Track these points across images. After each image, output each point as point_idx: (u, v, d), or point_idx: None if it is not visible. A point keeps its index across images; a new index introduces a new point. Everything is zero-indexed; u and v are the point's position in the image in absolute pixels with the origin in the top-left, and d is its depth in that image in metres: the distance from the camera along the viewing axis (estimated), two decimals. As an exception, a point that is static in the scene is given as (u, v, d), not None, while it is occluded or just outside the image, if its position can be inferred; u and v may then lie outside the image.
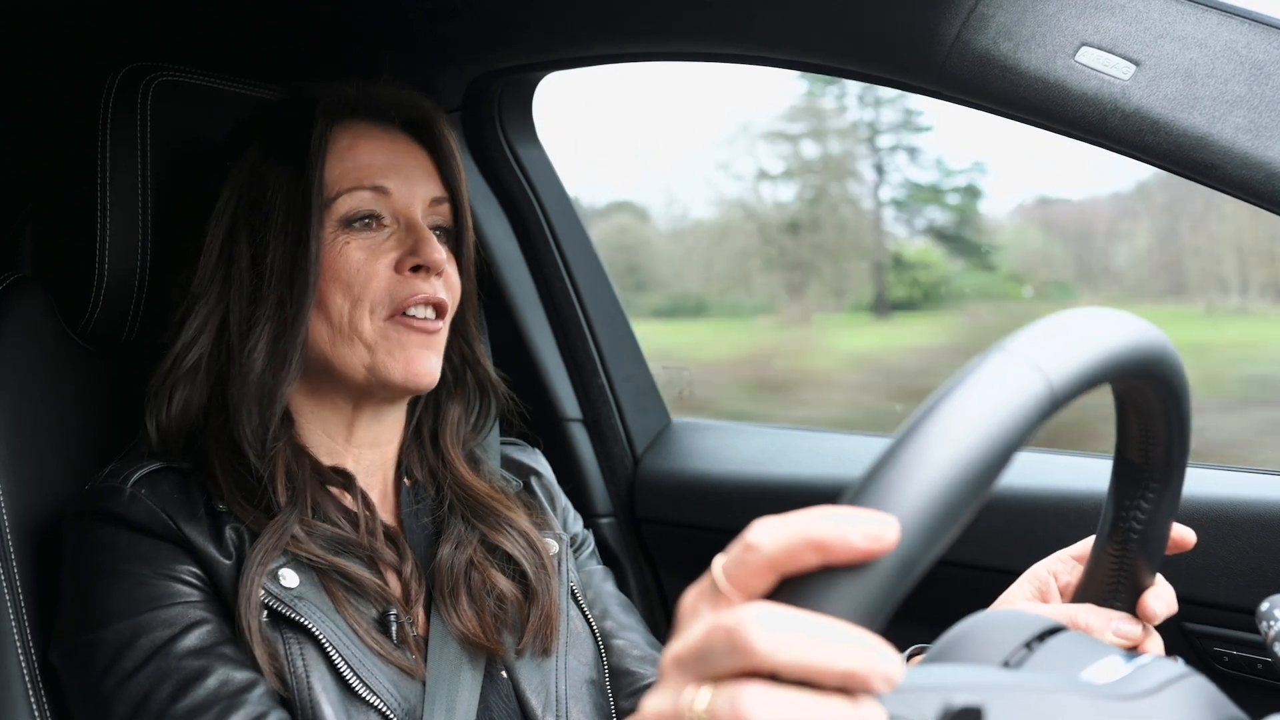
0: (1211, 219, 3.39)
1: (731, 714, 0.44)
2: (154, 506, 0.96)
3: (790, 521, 0.47)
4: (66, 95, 1.16)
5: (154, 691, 0.89)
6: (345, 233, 1.04)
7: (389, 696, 0.95)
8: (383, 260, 1.04)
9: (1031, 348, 0.49)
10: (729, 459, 1.58)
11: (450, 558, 1.06)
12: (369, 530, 1.04)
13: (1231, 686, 1.05)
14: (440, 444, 1.16)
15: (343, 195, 1.04)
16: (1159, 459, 0.66)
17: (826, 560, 0.46)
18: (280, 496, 1.00)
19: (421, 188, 1.09)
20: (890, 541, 0.45)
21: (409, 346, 1.04)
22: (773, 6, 1.12)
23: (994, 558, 1.27)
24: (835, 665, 0.44)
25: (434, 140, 1.12)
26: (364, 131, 1.09)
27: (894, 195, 3.63)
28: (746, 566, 0.48)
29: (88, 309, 1.12)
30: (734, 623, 0.45)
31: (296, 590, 0.96)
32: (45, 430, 1.10)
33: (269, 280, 1.03)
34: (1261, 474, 1.18)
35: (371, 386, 1.05)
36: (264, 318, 1.02)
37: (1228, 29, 0.93)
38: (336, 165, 1.06)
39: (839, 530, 0.45)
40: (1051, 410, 0.49)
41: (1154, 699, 0.51)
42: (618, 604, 1.22)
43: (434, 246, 1.05)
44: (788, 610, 0.45)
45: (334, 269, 1.03)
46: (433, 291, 1.05)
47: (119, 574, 0.94)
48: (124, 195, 1.11)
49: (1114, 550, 0.73)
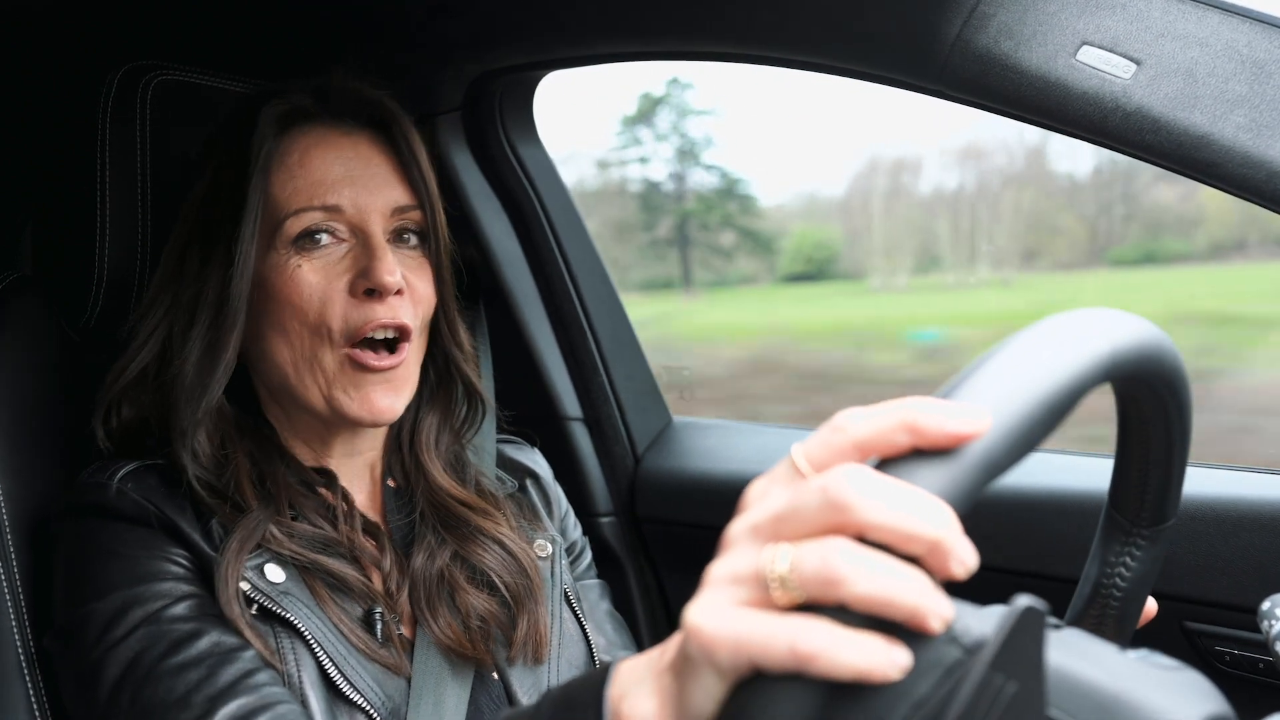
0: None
1: (820, 565, 0.45)
2: (140, 499, 0.96)
3: (879, 407, 0.48)
4: (66, 95, 1.16)
5: (145, 651, 0.89)
6: (297, 254, 1.00)
7: (373, 695, 0.94)
8: (338, 283, 1.00)
9: (1103, 319, 0.55)
10: (730, 458, 1.58)
11: (423, 568, 1.05)
12: (348, 524, 1.03)
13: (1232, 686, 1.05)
14: (415, 450, 1.13)
15: (290, 217, 1.00)
16: (1151, 507, 0.68)
17: (918, 442, 0.47)
18: (251, 501, 0.99)
19: (381, 196, 1.03)
20: (982, 430, 0.47)
21: (365, 386, 1.01)
22: (773, 6, 1.12)
23: (994, 557, 1.27)
24: (925, 532, 0.45)
25: (395, 142, 1.06)
26: (319, 139, 1.03)
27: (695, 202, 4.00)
28: (831, 447, 0.49)
29: (87, 308, 1.12)
30: (829, 480, 0.46)
31: (282, 586, 0.95)
32: (45, 428, 1.10)
33: (204, 299, 1.00)
34: (1262, 473, 1.18)
35: (332, 418, 1.03)
36: (195, 337, 1.00)
37: (1229, 28, 0.93)
38: (286, 183, 1.01)
39: (934, 413, 0.47)
40: (1110, 373, 0.54)
41: (1178, 674, 0.52)
42: (612, 623, 1.20)
43: (387, 267, 0.99)
44: (881, 476, 0.46)
45: (287, 294, 0.99)
46: (390, 317, 1.00)
47: (111, 554, 0.94)
48: (124, 195, 1.11)
49: (1093, 613, 0.74)
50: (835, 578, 0.45)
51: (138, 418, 1.03)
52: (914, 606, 0.45)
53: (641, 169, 3.61)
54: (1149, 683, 0.49)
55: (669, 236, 3.80)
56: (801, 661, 0.44)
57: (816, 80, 1.17)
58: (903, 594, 0.45)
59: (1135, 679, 0.49)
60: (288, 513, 1.00)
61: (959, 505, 0.46)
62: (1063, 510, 1.24)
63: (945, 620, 0.46)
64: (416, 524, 1.09)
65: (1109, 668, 0.50)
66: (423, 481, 1.12)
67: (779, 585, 0.46)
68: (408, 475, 1.13)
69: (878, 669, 0.44)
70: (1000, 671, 0.45)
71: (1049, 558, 1.24)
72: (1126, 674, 0.50)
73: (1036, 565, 1.25)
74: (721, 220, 3.99)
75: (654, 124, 3.47)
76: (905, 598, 0.45)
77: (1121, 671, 0.50)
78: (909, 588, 0.45)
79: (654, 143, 3.60)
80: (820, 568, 0.45)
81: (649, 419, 1.66)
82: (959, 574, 0.45)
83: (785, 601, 0.46)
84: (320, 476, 1.06)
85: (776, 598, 0.47)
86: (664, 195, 3.61)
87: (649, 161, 3.57)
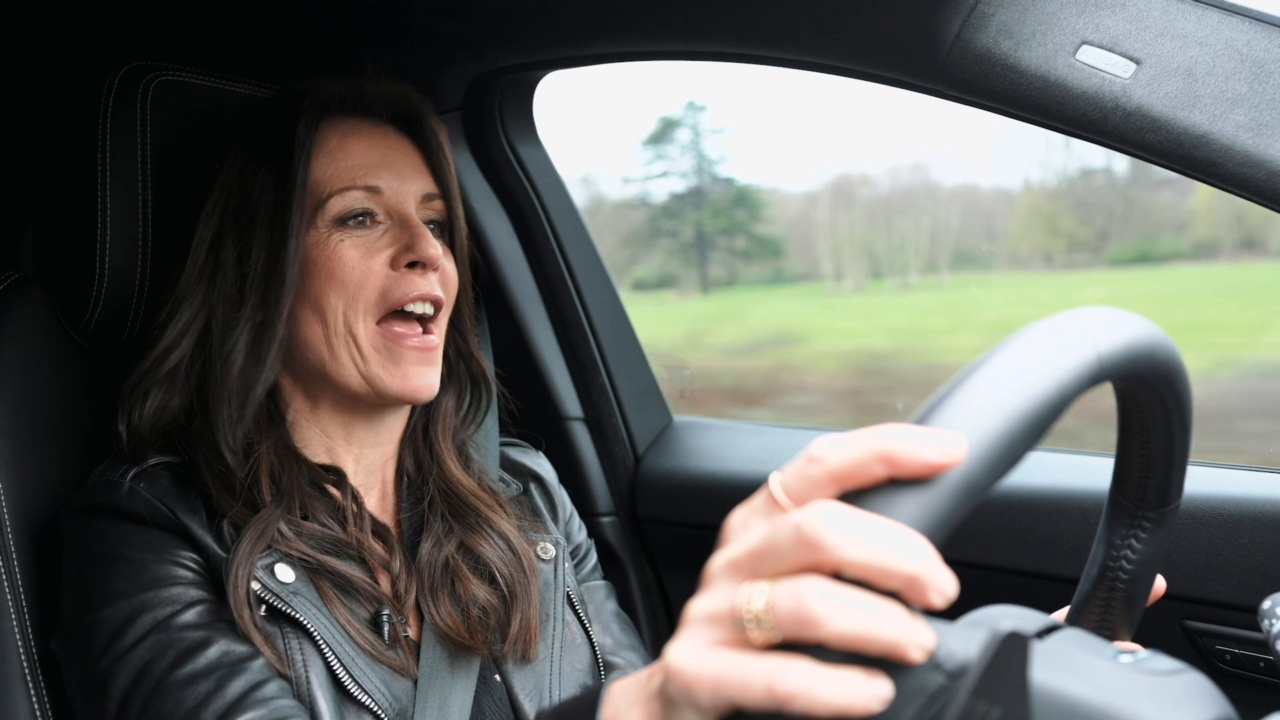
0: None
1: (794, 605, 0.45)
2: (153, 499, 0.96)
3: (854, 436, 0.48)
4: (66, 95, 1.16)
5: (154, 661, 0.89)
6: (339, 231, 1.04)
7: (380, 696, 0.95)
8: (378, 258, 1.04)
9: (1088, 322, 0.54)
10: (731, 458, 1.58)
11: (430, 555, 1.06)
12: (358, 526, 1.03)
13: (1233, 685, 1.05)
14: (430, 435, 1.15)
15: (334, 195, 1.04)
16: (1155, 490, 0.68)
17: (893, 472, 0.46)
18: (265, 496, 1.00)
19: (413, 183, 1.08)
20: (958, 457, 0.46)
21: (404, 364, 1.04)
22: (773, 5, 1.12)
23: (994, 557, 1.27)
24: (901, 568, 0.44)
25: (423, 135, 1.11)
26: (353, 129, 1.08)
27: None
28: (807, 479, 0.48)
29: (88, 308, 1.12)
30: (803, 518, 0.46)
31: (292, 586, 0.96)
32: (46, 429, 1.10)
33: (251, 282, 1.02)
34: (1263, 472, 1.18)
35: (368, 396, 1.05)
36: (244, 319, 1.02)
37: (1228, 27, 0.93)
38: (327, 165, 1.05)
39: (909, 442, 0.46)
40: (1097, 378, 0.53)
41: (1176, 678, 0.52)
42: (619, 624, 1.20)
43: (430, 242, 1.04)
44: (856, 512, 0.46)
45: (328, 267, 1.03)
46: (429, 288, 1.04)
47: (120, 558, 0.94)
48: (124, 195, 1.11)
49: (1101, 595, 0.73)
50: (810, 618, 0.44)
51: (164, 414, 1.03)
52: (892, 641, 0.44)
53: (664, 183, 3.79)
54: (1140, 693, 0.49)
55: (690, 241, 3.94)
56: (780, 702, 0.44)
57: (814, 83, 1.17)
58: (879, 630, 0.44)
59: (1125, 690, 0.49)
60: (298, 512, 1.01)
61: (936, 535, 0.46)
62: (1063, 510, 1.24)
63: (926, 650, 0.45)
64: (425, 512, 1.10)
65: (1098, 681, 0.49)
66: (435, 469, 1.13)
67: (755, 625, 0.46)
68: (420, 463, 1.14)
69: (858, 703, 0.44)
70: (984, 698, 0.45)
71: (1049, 557, 1.24)
72: (1116, 685, 0.49)
73: (1036, 565, 1.25)
74: (730, 227, 4.14)
75: (673, 143, 3.62)
76: (882, 634, 0.44)
77: (1110, 683, 0.49)
78: (886, 624, 0.44)
79: (673, 159, 3.76)
80: (795, 608, 0.45)
81: (649, 419, 1.66)
82: (938, 604, 0.45)
83: (762, 640, 0.46)
84: (330, 475, 1.07)
85: (753, 637, 0.46)
86: (682, 205, 3.76)
87: (669, 176, 3.73)
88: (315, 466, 1.06)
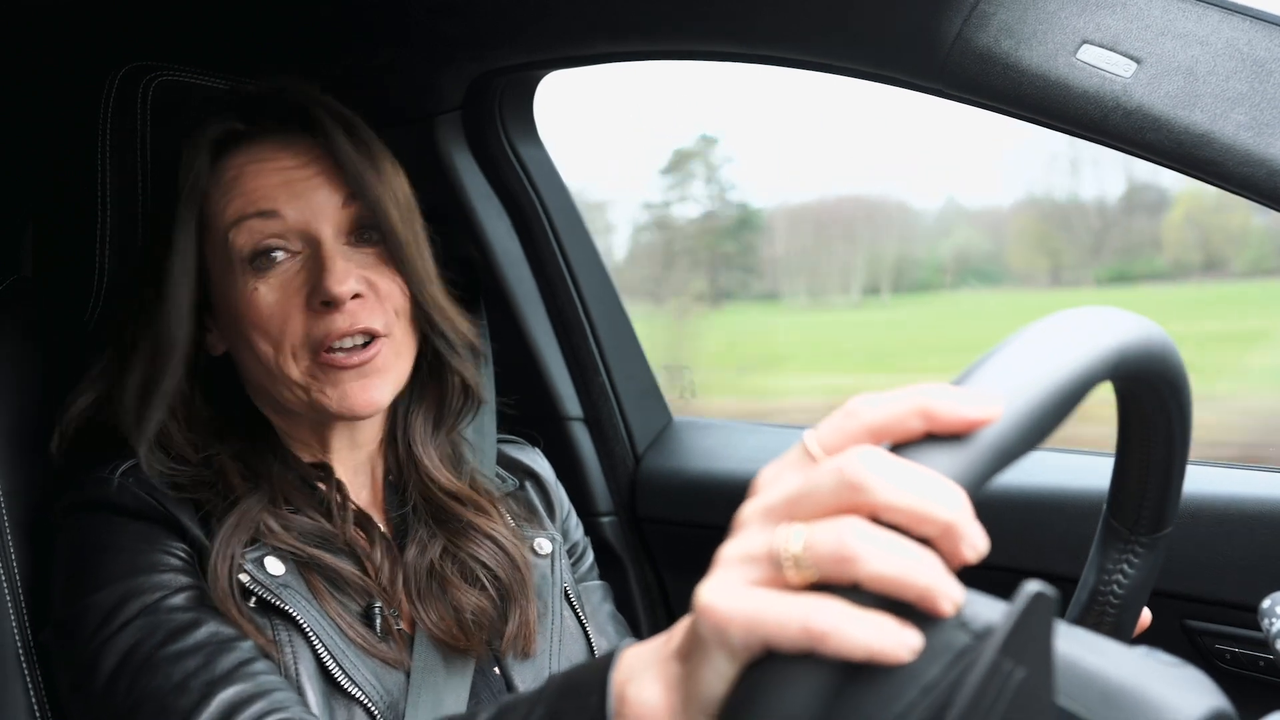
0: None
1: (835, 543, 0.45)
2: (142, 492, 0.97)
3: (893, 392, 0.49)
4: (66, 95, 1.16)
5: (143, 641, 0.88)
6: (254, 276, 0.98)
7: (371, 689, 0.94)
8: (295, 299, 0.98)
9: (1114, 316, 0.57)
10: (731, 457, 1.58)
11: (414, 561, 1.05)
12: (341, 517, 1.03)
13: (1233, 684, 1.05)
14: (408, 441, 1.12)
15: (232, 231, 0.99)
16: (1149, 514, 0.68)
17: (931, 427, 0.48)
18: (238, 493, 0.99)
19: (322, 198, 1.00)
20: (994, 416, 0.47)
21: (342, 382, 0.99)
22: (773, 5, 1.12)
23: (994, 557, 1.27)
24: (939, 514, 0.45)
25: (325, 135, 1.01)
26: (254, 156, 1.01)
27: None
28: (844, 431, 0.49)
29: (88, 309, 1.12)
30: (844, 461, 0.47)
31: (282, 579, 0.96)
32: (46, 429, 1.10)
33: (144, 324, 1.01)
34: (1263, 471, 1.18)
35: (317, 415, 1.03)
36: (137, 361, 1.01)
37: (1229, 26, 0.93)
38: (224, 201, 1.00)
39: (947, 398, 0.47)
40: (1118, 367, 0.55)
41: (1180, 669, 0.52)
42: (615, 626, 1.20)
43: (336, 277, 0.96)
44: (896, 458, 0.47)
45: (249, 316, 0.98)
46: (350, 325, 0.97)
47: (110, 548, 0.94)
48: (124, 195, 1.11)
49: (1089, 622, 0.74)
50: (849, 555, 0.45)
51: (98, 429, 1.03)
52: (926, 587, 0.45)
53: (680, 207, 3.96)
54: (1153, 676, 0.49)
55: (705, 259, 4.09)
56: (814, 640, 0.45)
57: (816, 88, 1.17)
58: (916, 574, 0.45)
59: (1140, 671, 0.49)
60: (284, 505, 1.01)
61: (971, 489, 0.47)
62: (1063, 510, 1.24)
63: (956, 603, 0.46)
64: (409, 517, 1.09)
65: (1114, 659, 0.50)
66: (415, 474, 1.11)
67: (793, 564, 0.47)
68: (402, 468, 1.12)
69: (889, 649, 0.45)
70: (1009, 657, 0.45)
71: (1049, 557, 1.24)
72: (1131, 666, 0.50)
73: (1036, 564, 1.25)
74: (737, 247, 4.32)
75: (688, 171, 3.78)
76: (918, 578, 0.45)
77: (1126, 664, 0.50)
78: (922, 568, 0.45)
79: (687, 187, 3.94)
80: (835, 546, 0.45)
81: (649, 418, 1.66)
82: (970, 558, 0.46)
83: (798, 581, 0.47)
84: (318, 471, 1.06)
85: (790, 577, 0.47)
86: (697, 226, 3.93)
87: (686, 200, 3.91)
88: (304, 464, 1.06)
